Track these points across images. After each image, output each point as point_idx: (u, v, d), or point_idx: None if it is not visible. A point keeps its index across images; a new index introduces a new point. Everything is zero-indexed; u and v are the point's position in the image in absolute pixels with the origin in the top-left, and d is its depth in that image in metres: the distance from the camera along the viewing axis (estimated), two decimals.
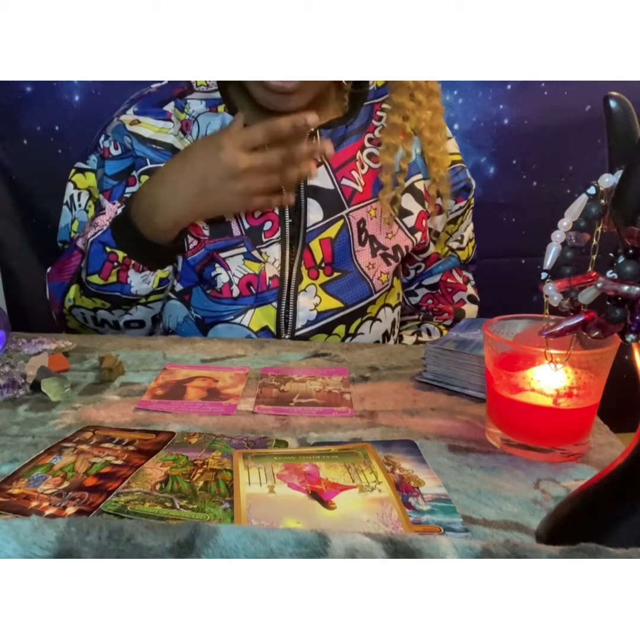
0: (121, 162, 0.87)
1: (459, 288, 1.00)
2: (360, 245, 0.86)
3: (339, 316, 0.86)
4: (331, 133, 0.86)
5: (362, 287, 0.87)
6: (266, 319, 0.85)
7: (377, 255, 0.87)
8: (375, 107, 0.89)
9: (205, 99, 0.87)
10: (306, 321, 0.85)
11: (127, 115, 0.87)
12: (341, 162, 0.86)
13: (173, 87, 0.88)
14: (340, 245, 0.86)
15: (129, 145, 0.86)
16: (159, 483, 0.47)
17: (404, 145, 0.88)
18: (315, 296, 0.85)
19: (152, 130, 0.86)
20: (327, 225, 0.85)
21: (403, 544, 0.34)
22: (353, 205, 0.86)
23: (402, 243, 0.89)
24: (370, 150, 0.88)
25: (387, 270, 0.88)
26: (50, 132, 1.20)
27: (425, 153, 0.89)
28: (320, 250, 0.85)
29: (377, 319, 0.90)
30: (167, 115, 0.87)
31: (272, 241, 0.85)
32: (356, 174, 0.87)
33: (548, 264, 0.38)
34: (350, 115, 0.88)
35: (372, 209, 0.87)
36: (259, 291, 0.84)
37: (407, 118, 0.88)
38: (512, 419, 0.53)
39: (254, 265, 0.84)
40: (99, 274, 0.82)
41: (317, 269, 0.85)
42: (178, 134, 0.86)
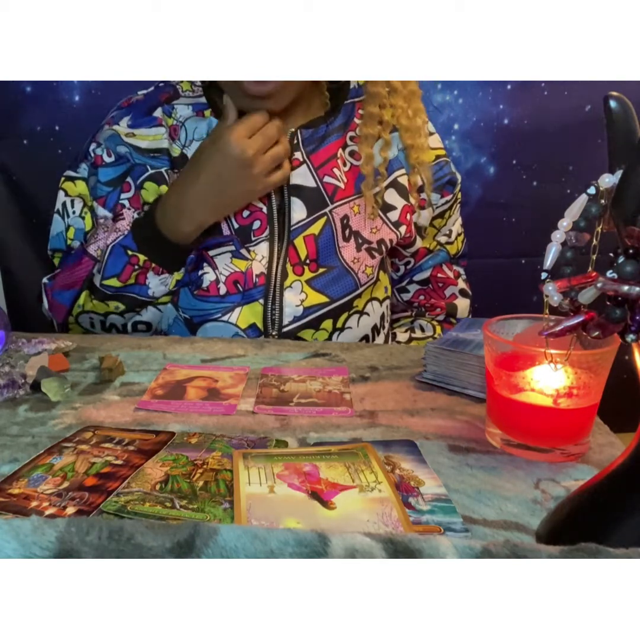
0: (115, 169, 0.89)
1: (450, 282, 1.01)
2: (345, 241, 0.87)
3: (325, 311, 0.87)
4: (312, 133, 0.87)
5: (347, 281, 0.87)
6: (253, 316, 0.85)
7: (361, 250, 0.88)
8: (356, 105, 0.90)
9: (192, 103, 0.88)
10: (293, 317, 0.86)
11: (122, 128, 0.88)
12: (323, 160, 0.87)
13: (159, 93, 0.89)
14: (324, 241, 0.86)
15: (127, 154, 0.88)
16: (159, 483, 0.47)
17: (383, 134, 0.89)
18: (301, 292, 0.86)
19: (147, 140, 0.88)
20: (310, 223, 0.86)
21: (403, 544, 0.34)
22: (336, 201, 0.87)
23: (386, 237, 0.90)
24: (353, 148, 0.89)
25: (371, 264, 0.89)
26: (50, 132, 1.19)
27: (403, 140, 0.90)
28: (304, 247, 0.86)
29: (365, 313, 0.90)
30: (158, 120, 0.88)
31: (261, 239, 0.86)
32: (338, 171, 0.88)
33: (548, 264, 0.38)
34: (331, 114, 0.89)
35: (356, 205, 0.88)
36: (245, 289, 0.85)
37: (383, 106, 0.89)
38: (512, 419, 0.53)
39: (241, 263, 0.85)
40: (118, 277, 0.84)
41: (302, 265, 0.86)
42: (167, 138, 0.88)
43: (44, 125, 1.19)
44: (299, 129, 0.86)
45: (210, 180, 0.80)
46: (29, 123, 1.19)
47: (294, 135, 0.86)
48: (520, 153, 1.26)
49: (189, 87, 0.89)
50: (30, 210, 1.23)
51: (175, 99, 0.88)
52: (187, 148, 0.87)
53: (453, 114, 1.24)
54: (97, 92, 1.18)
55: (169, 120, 0.88)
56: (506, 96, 1.23)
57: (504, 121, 1.24)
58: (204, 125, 0.87)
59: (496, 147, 1.26)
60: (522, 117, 1.24)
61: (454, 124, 1.24)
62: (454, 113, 1.24)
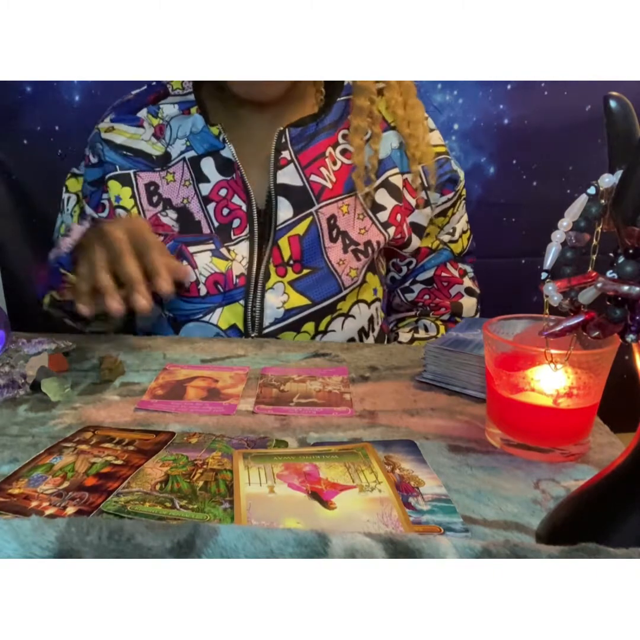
0: (97, 171, 0.90)
1: (455, 281, 1.00)
2: (332, 241, 0.86)
3: (307, 313, 0.86)
4: (301, 131, 0.87)
5: (331, 284, 0.86)
6: (234, 317, 0.85)
7: (348, 252, 0.87)
8: (350, 102, 0.90)
9: (179, 102, 0.89)
10: (273, 319, 0.85)
11: (104, 123, 0.90)
12: (310, 159, 0.87)
13: (149, 93, 0.91)
14: (309, 241, 0.86)
15: (101, 152, 0.89)
16: (159, 483, 0.47)
17: (372, 127, 0.89)
18: (284, 294, 0.85)
19: (124, 136, 0.89)
20: (296, 223, 0.86)
21: (403, 544, 0.34)
22: (322, 201, 0.86)
23: (373, 238, 0.89)
24: (344, 147, 0.89)
25: (356, 266, 0.88)
26: (50, 132, 1.20)
27: (401, 130, 0.90)
28: (288, 248, 0.85)
29: (350, 316, 0.89)
30: (140, 121, 0.89)
31: (241, 238, 0.86)
32: (325, 171, 0.87)
33: (548, 264, 0.38)
34: (322, 112, 0.89)
35: (344, 204, 0.87)
36: (226, 289, 0.85)
37: (373, 100, 0.89)
38: (512, 419, 0.53)
39: (221, 264, 0.85)
40: (57, 292, 0.82)
41: (285, 266, 0.85)
42: (150, 139, 0.89)
43: (44, 125, 1.19)
44: (287, 128, 0.86)
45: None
46: (29, 123, 1.19)
47: (282, 134, 0.86)
48: (520, 153, 1.26)
49: (180, 85, 0.90)
50: (30, 210, 1.23)
51: (163, 98, 0.90)
52: (171, 146, 0.88)
53: (453, 114, 1.24)
54: (97, 92, 1.18)
55: (154, 120, 0.89)
56: (506, 96, 1.23)
57: (504, 121, 1.24)
58: (188, 123, 0.88)
59: (496, 147, 1.26)
60: (522, 117, 1.24)
61: (454, 124, 1.24)
62: (454, 113, 1.24)
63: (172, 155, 0.88)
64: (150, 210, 0.87)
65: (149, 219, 0.87)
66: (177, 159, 0.88)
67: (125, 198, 0.88)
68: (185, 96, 0.89)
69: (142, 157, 0.88)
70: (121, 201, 0.88)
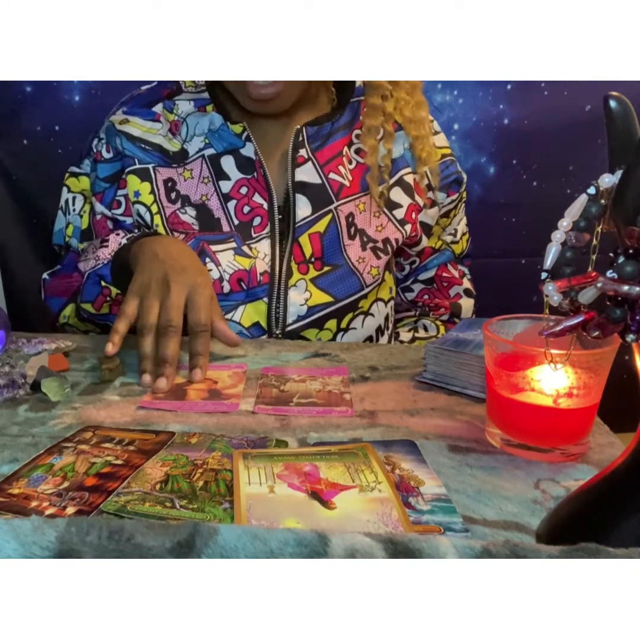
0: (113, 165, 0.89)
1: (455, 282, 1.01)
2: (350, 239, 0.87)
3: (330, 311, 0.86)
4: (317, 130, 0.87)
5: (353, 282, 0.87)
6: (257, 314, 0.85)
7: (367, 249, 0.88)
8: (362, 103, 0.90)
9: (194, 99, 0.88)
10: (297, 316, 0.85)
11: (117, 116, 0.89)
12: (328, 158, 0.87)
13: (161, 88, 0.90)
14: (329, 239, 0.86)
15: (119, 146, 0.88)
16: (159, 483, 0.47)
17: (385, 125, 0.89)
18: (306, 291, 0.86)
19: (140, 129, 0.88)
20: (315, 220, 0.86)
21: (403, 544, 0.34)
22: (341, 199, 0.87)
23: (391, 236, 0.90)
24: (359, 146, 0.89)
25: (377, 264, 0.88)
26: (50, 132, 1.19)
27: (408, 132, 0.90)
28: (309, 245, 0.86)
29: (370, 314, 0.90)
30: (156, 116, 0.88)
31: (262, 236, 0.86)
32: (343, 169, 0.88)
33: (548, 264, 0.38)
34: (336, 112, 0.89)
35: (361, 202, 0.88)
36: (249, 287, 0.84)
37: (386, 98, 0.89)
38: (512, 419, 0.53)
39: (244, 261, 0.85)
40: (92, 304, 0.83)
41: (306, 263, 0.86)
42: (167, 134, 0.88)
43: (44, 125, 1.19)
44: (304, 126, 0.86)
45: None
46: (29, 123, 1.19)
47: (299, 132, 0.86)
48: (520, 153, 1.26)
49: (192, 82, 0.89)
50: (30, 210, 1.23)
51: (177, 95, 0.89)
52: (188, 143, 0.87)
53: (453, 114, 1.24)
54: (97, 92, 1.18)
55: (170, 115, 0.88)
56: (506, 96, 1.23)
57: (504, 121, 1.24)
58: (205, 120, 0.87)
59: (496, 147, 1.26)
60: (522, 117, 1.24)
61: (454, 124, 1.24)
62: (454, 113, 1.24)
63: (190, 152, 0.87)
64: (169, 207, 0.87)
65: (169, 216, 0.86)
66: (195, 156, 0.87)
67: (145, 194, 0.87)
68: (198, 94, 0.88)
69: (159, 152, 0.87)
70: (140, 197, 0.87)
